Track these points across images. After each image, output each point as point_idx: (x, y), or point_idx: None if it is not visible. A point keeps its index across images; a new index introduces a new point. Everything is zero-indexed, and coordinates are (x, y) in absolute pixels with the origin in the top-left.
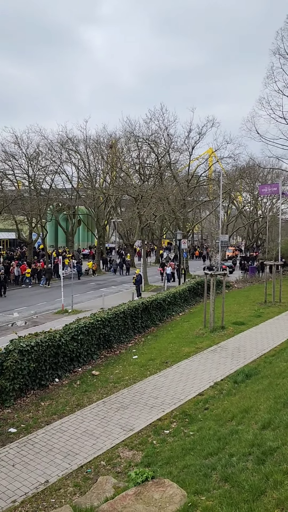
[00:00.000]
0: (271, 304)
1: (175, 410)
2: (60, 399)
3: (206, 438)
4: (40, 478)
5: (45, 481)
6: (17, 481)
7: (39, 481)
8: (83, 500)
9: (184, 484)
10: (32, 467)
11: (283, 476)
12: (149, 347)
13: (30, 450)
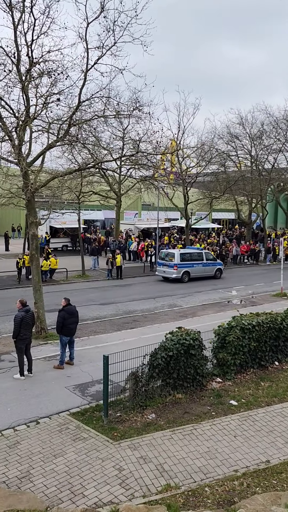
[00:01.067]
0: None
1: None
2: (280, 383)
3: None
4: (261, 456)
5: (266, 460)
6: (238, 452)
7: (260, 458)
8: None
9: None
10: (253, 443)
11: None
12: None
13: (251, 426)
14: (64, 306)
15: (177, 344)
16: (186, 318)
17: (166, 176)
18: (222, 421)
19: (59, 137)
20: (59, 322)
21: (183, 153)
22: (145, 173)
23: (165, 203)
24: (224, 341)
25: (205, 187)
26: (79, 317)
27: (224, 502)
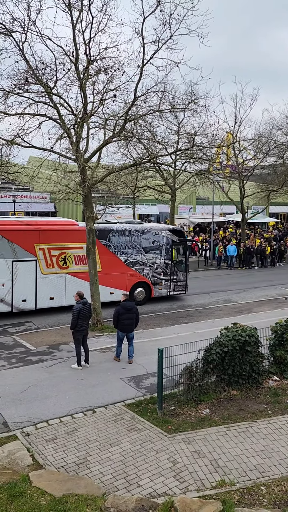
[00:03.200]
0: None
1: None
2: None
3: None
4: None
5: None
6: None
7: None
8: None
9: None
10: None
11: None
12: None
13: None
14: (122, 301)
15: (232, 340)
16: (242, 314)
17: (221, 169)
18: (279, 420)
19: (115, 133)
20: (114, 316)
21: (239, 146)
22: (200, 167)
23: (220, 197)
24: (282, 338)
25: (262, 180)
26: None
27: (280, 502)
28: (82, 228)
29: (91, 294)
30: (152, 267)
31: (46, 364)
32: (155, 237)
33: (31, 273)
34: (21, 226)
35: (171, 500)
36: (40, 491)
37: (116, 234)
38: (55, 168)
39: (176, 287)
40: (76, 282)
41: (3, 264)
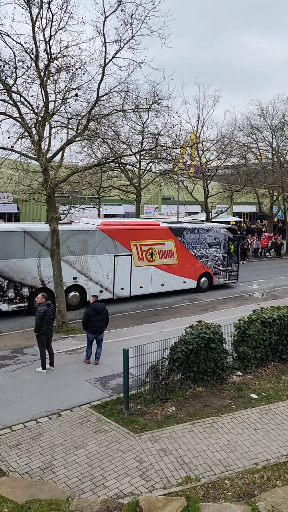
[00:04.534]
0: None
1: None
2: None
3: None
4: (281, 449)
5: (286, 454)
6: (258, 445)
7: (280, 452)
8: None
9: None
10: (274, 437)
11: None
12: None
13: (271, 420)
14: (92, 302)
15: (197, 337)
16: (207, 311)
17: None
18: (242, 415)
19: (78, 133)
20: (84, 318)
21: (202, 146)
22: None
23: (184, 197)
24: (245, 334)
25: (226, 180)
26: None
27: (244, 494)
28: (163, 227)
29: (56, 296)
30: (213, 259)
31: (9, 368)
32: (216, 234)
33: (127, 265)
34: (120, 226)
35: (136, 499)
36: (2, 499)
37: (188, 232)
38: (16, 168)
39: (231, 276)
40: (159, 273)
41: (107, 258)
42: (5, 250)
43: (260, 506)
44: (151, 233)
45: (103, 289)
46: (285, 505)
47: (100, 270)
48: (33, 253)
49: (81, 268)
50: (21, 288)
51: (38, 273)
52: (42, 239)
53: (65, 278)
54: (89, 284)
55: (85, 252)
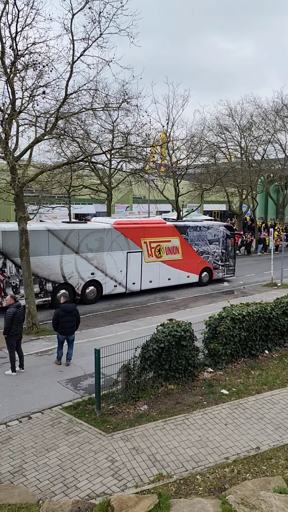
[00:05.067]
0: None
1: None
2: (270, 371)
3: None
4: (251, 443)
5: (256, 447)
6: (229, 440)
7: (250, 445)
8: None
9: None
10: (243, 431)
11: None
12: None
13: (241, 414)
14: (62, 303)
15: (168, 336)
16: (178, 310)
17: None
18: (213, 410)
19: (46, 131)
20: (54, 319)
21: (173, 145)
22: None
23: (154, 196)
24: (215, 331)
25: (196, 179)
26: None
27: (215, 489)
28: (169, 225)
29: (26, 297)
30: (213, 255)
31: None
32: (215, 231)
33: (138, 261)
34: (132, 224)
35: (107, 499)
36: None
37: (192, 230)
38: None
39: (228, 271)
40: (166, 268)
41: (121, 255)
42: (31, 248)
43: (230, 499)
44: (159, 231)
45: (117, 283)
46: (254, 497)
47: (115, 266)
48: (55, 250)
49: (98, 264)
50: (46, 284)
51: (60, 269)
52: (63, 237)
53: (83, 274)
54: (105, 279)
55: (102, 249)
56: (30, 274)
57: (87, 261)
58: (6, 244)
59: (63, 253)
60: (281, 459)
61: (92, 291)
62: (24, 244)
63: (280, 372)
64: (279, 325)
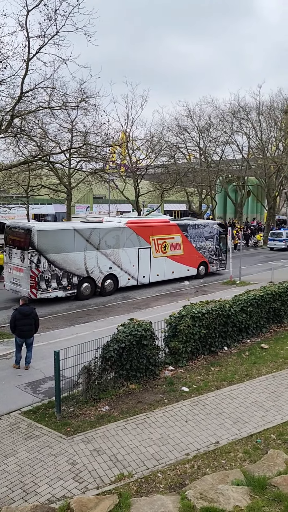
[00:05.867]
0: None
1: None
2: (229, 367)
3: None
4: (211, 438)
5: (215, 441)
6: (189, 436)
7: (210, 440)
8: (253, 468)
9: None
10: (203, 427)
11: None
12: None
13: (201, 410)
14: (20, 305)
15: (129, 335)
16: (140, 309)
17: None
18: (174, 408)
19: (1, 129)
20: (11, 322)
21: (132, 145)
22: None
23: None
24: (176, 330)
25: (156, 179)
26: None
27: (176, 485)
28: (173, 224)
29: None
30: (209, 250)
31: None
32: (210, 229)
33: (148, 257)
34: (142, 223)
35: (67, 502)
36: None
37: (191, 227)
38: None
39: (221, 265)
40: (170, 263)
41: (133, 251)
42: (60, 246)
43: (189, 495)
44: (164, 229)
45: (130, 277)
46: (212, 490)
47: (128, 261)
48: (80, 247)
49: (115, 260)
50: (72, 277)
51: (84, 264)
52: (87, 235)
53: (103, 268)
54: (120, 273)
55: (118, 246)
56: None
57: (106, 257)
58: (41, 242)
59: (86, 249)
60: (239, 452)
61: (110, 284)
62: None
63: (239, 367)
64: (237, 322)
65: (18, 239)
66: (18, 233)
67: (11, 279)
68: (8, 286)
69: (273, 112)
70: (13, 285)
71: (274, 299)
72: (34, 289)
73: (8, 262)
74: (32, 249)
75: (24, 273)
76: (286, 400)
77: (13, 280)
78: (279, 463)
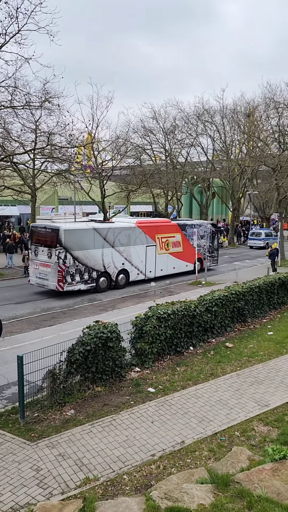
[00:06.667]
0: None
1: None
2: (194, 367)
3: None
4: (176, 438)
5: (181, 441)
6: (155, 437)
7: (175, 440)
8: (218, 466)
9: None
10: (169, 427)
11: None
12: (285, 324)
13: (167, 410)
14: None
15: (94, 338)
16: (106, 311)
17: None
18: (140, 409)
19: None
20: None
21: (98, 146)
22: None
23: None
24: (142, 331)
25: (122, 181)
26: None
27: (141, 487)
28: (174, 224)
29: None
30: (203, 248)
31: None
32: (205, 228)
33: (153, 254)
34: (149, 223)
35: (31, 509)
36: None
37: (188, 227)
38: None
39: (213, 261)
40: (172, 259)
41: (142, 248)
42: (82, 243)
43: (154, 495)
44: (167, 228)
45: (139, 272)
46: (177, 490)
47: (138, 257)
48: (99, 245)
49: (127, 256)
50: (92, 272)
51: (101, 260)
52: (104, 234)
53: (117, 264)
54: (131, 268)
55: (129, 244)
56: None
57: (119, 254)
58: (67, 240)
59: (103, 247)
60: (204, 451)
61: (123, 278)
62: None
63: (204, 366)
64: (202, 322)
65: (45, 238)
66: (45, 232)
67: (37, 274)
68: (33, 281)
69: (236, 116)
70: (39, 280)
71: (238, 299)
72: (61, 282)
73: (34, 259)
74: (60, 247)
75: (51, 268)
76: (250, 397)
77: (40, 275)
78: (243, 460)
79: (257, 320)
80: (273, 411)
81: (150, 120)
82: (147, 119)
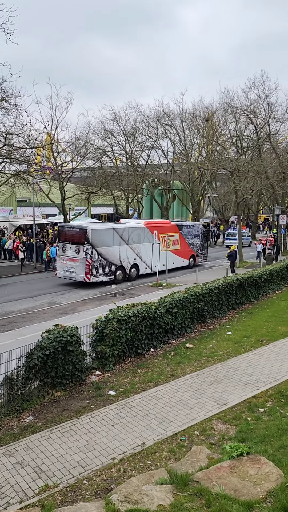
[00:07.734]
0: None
1: (270, 389)
2: (155, 368)
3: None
4: (137, 440)
5: (141, 443)
6: (116, 440)
7: (136, 442)
8: (177, 466)
9: (281, 464)
10: (130, 429)
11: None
12: (243, 324)
13: (128, 413)
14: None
15: (54, 342)
16: (66, 314)
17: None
18: (100, 413)
19: None
20: None
21: (57, 148)
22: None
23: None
24: (102, 334)
25: (83, 182)
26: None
27: (102, 491)
28: (173, 224)
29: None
30: (196, 246)
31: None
32: (198, 229)
33: (157, 250)
34: (154, 224)
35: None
36: None
37: (185, 227)
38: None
39: (203, 258)
40: (172, 255)
41: (149, 245)
42: (104, 241)
43: (114, 499)
44: (168, 228)
45: (147, 266)
46: (137, 492)
47: (146, 254)
48: (116, 242)
49: (137, 252)
50: (111, 266)
51: (118, 256)
52: (120, 233)
53: (130, 259)
54: (141, 263)
55: (139, 241)
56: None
57: (132, 250)
58: (93, 238)
59: (120, 244)
60: (164, 452)
61: (134, 271)
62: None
63: (164, 368)
64: (163, 323)
65: (73, 236)
66: (74, 231)
67: (64, 268)
68: (61, 274)
69: (195, 120)
70: (67, 273)
71: (198, 300)
72: (88, 274)
73: (61, 254)
74: (87, 243)
75: (79, 262)
76: (209, 396)
77: (67, 269)
78: (202, 459)
79: (216, 321)
80: (232, 409)
81: (110, 122)
82: (107, 121)
